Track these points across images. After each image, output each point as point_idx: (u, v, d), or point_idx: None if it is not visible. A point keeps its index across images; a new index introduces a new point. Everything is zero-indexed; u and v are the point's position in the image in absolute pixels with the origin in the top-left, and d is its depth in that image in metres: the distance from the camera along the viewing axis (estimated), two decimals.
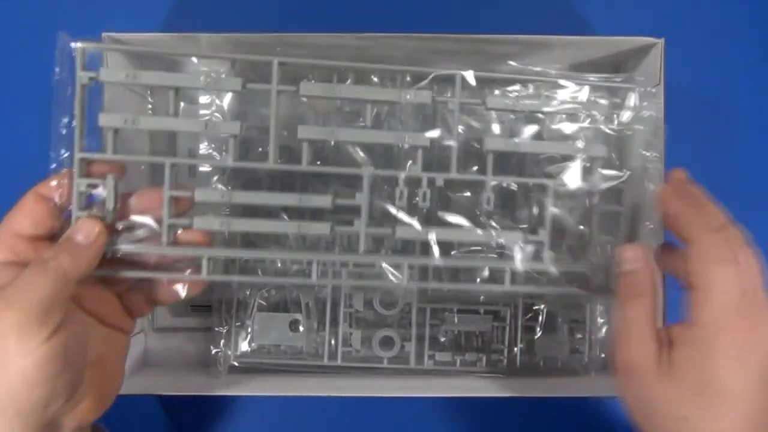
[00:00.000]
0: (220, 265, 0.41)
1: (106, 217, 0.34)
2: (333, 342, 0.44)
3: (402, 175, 0.37)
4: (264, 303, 0.45)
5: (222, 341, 0.45)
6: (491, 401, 0.49)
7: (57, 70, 0.34)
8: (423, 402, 0.49)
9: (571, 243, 0.40)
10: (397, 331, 0.45)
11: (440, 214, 0.39)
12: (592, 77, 0.38)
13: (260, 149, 0.43)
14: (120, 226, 0.35)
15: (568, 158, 0.37)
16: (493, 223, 0.40)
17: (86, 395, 0.35)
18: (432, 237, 0.37)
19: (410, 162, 0.38)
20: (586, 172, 0.38)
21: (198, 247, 0.36)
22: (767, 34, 0.49)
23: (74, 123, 0.34)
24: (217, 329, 0.45)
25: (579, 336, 0.45)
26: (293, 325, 0.44)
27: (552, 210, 0.38)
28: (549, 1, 0.49)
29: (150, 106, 0.46)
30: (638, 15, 0.49)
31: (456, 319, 0.45)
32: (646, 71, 0.42)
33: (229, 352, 0.45)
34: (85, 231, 0.34)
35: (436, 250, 0.38)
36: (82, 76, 0.34)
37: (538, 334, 0.45)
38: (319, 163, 0.42)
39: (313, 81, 0.43)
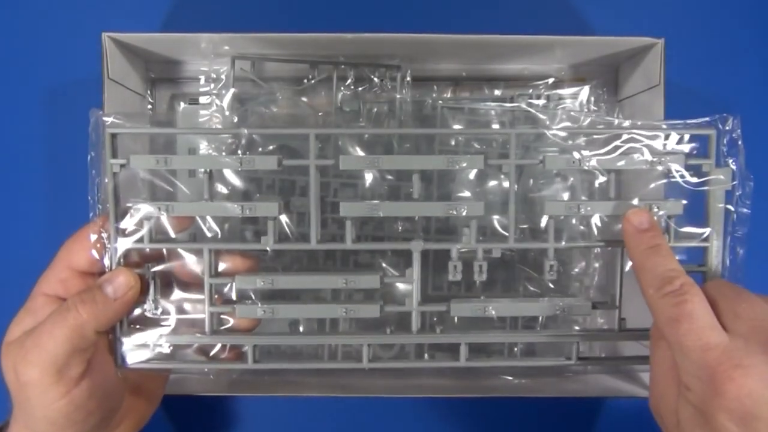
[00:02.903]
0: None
1: (146, 275, 0.33)
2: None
3: (455, 248, 0.34)
4: None
5: None
6: (491, 401, 0.49)
7: (92, 153, 0.34)
8: (423, 402, 0.49)
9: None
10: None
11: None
12: (665, 124, 0.35)
13: (260, 149, 0.43)
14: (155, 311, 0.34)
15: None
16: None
17: (124, 420, 0.35)
18: (492, 313, 0.35)
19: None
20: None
21: (242, 334, 0.35)
22: (767, 33, 0.49)
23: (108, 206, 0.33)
24: None
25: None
26: (293, 326, 0.44)
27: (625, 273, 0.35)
28: (549, 1, 0.49)
29: (150, 106, 0.46)
30: (638, 15, 0.49)
31: (456, 320, 0.45)
32: (646, 71, 0.42)
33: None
34: (117, 284, 0.32)
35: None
36: (113, 164, 0.33)
37: None
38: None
39: (313, 81, 0.44)
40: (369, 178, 0.40)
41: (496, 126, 0.44)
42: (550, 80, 0.45)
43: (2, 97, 0.48)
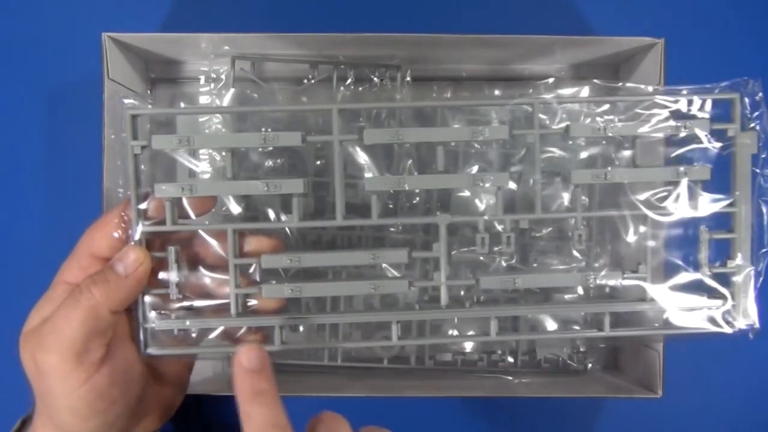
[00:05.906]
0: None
1: (168, 258, 0.33)
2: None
3: (482, 220, 0.34)
4: None
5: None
6: (491, 401, 0.49)
7: (108, 131, 0.34)
8: (423, 402, 0.49)
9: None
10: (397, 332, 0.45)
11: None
12: (686, 89, 0.34)
13: (260, 150, 0.43)
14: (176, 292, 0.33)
15: (667, 183, 0.34)
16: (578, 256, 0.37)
17: (149, 411, 0.34)
18: (520, 285, 0.34)
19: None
20: (687, 197, 0.34)
21: (268, 316, 0.34)
22: (767, 33, 0.49)
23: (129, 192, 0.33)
24: None
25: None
26: (293, 325, 0.44)
27: (652, 243, 0.34)
28: (549, 1, 0.49)
29: (150, 106, 0.46)
30: (638, 15, 0.49)
31: (456, 320, 0.45)
32: (646, 71, 0.42)
33: None
34: (127, 261, 0.32)
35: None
36: (134, 146, 0.33)
37: None
38: (322, 162, 0.43)
39: (313, 81, 0.44)
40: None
41: (496, 126, 0.43)
42: (550, 80, 0.45)
43: (2, 97, 0.48)
